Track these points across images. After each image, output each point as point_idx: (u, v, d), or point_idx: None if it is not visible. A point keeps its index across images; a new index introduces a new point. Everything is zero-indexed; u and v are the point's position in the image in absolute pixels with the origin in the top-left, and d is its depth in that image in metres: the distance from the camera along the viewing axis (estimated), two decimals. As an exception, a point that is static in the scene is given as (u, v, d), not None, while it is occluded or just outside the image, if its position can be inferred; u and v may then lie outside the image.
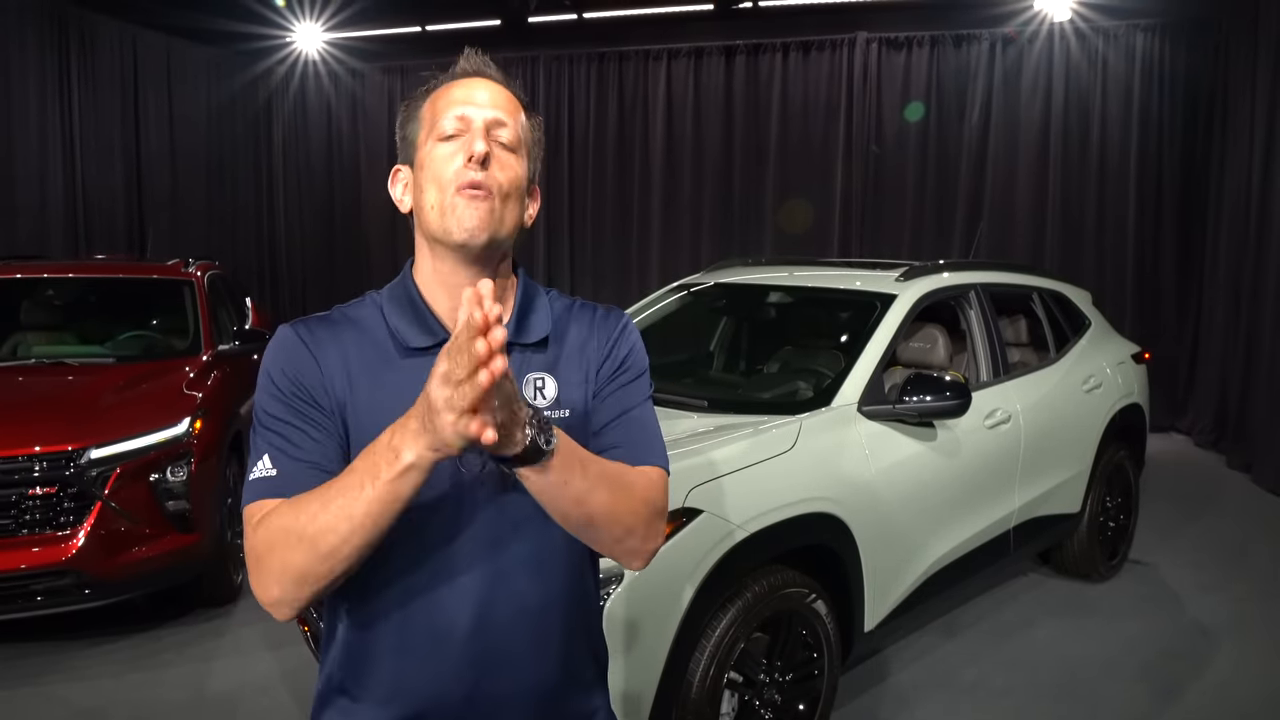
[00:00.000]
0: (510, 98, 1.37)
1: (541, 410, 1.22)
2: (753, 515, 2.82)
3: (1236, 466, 7.24)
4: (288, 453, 1.25)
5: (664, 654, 2.63)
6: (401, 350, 1.32)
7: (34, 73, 8.13)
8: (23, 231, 7.94)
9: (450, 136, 1.31)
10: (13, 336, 5.12)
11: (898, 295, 3.84)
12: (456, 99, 1.34)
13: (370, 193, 10.67)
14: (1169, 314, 8.63)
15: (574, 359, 1.38)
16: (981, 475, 3.90)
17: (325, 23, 9.92)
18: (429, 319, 1.34)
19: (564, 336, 1.40)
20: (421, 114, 1.37)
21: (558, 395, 1.35)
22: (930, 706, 3.61)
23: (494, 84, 1.37)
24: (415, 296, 1.36)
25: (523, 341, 1.36)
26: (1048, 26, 8.61)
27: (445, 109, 1.33)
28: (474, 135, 1.30)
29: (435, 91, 1.38)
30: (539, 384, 1.35)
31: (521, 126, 1.37)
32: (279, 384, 1.30)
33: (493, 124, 1.32)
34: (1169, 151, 8.50)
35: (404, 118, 1.40)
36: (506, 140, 1.33)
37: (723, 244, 9.52)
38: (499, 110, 1.34)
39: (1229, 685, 3.79)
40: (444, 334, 1.32)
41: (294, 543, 1.15)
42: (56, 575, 3.81)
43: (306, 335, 1.33)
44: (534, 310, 1.39)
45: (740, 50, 9.53)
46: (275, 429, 1.27)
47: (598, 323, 1.44)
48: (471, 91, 1.34)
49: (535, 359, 1.36)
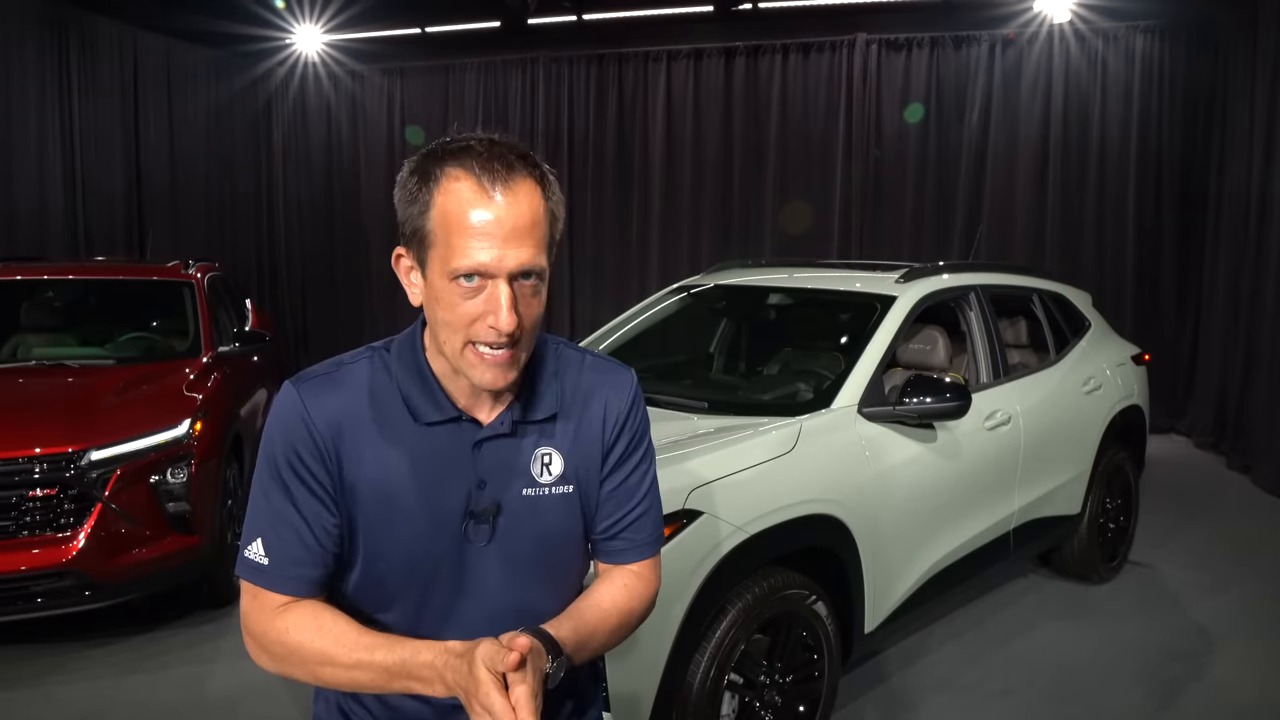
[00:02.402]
0: (534, 204, 1.21)
1: (549, 659, 1.20)
2: (753, 517, 2.82)
3: (1236, 468, 7.24)
4: (281, 537, 1.28)
5: (664, 656, 2.63)
6: (411, 422, 1.31)
7: (34, 74, 8.14)
8: (23, 233, 7.94)
9: (467, 275, 1.19)
10: (13, 338, 5.13)
11: (897, 297, 3.84)
12: (475, 229, 1.18)
13: (370, 193, 10.67)
14: (1169, 315, 8.63)
15: (582, 434, 1.38)
16: (981, 477, 3.90)
17: (325, 24, 9.92)
18: (439, 396, 1.32)
19: (572, 408, 1.38)
20: (430, 220, 1.21)
21: (563, 471, 1.35)
22: (930, 708, 3.61)
23: (516, 194, 1.19)
24: (426, 372, 1.32)
25: (531, 419, 1.35)
26: (1047, 28, 8.61)
27: (461, 241, 1.18)
28: (498, 302, 1.19)
29: (445, 182, 1.20)
30: (545, 459, 1.35)
31: (545, 241, 1.23)
32: (278, 452, 1.29)
33: (518, 273, 1.20)
34: (1169, 152, 8.50)
35: (405, 195, 1.24)
36: (533, 280, 1.23)
37: (722, 245, 9.52)
38: (523, 248, 1.19)
39: (1229, 685, 3.79)
40: (453, 411, 1.31)
41: (298, 660, 1.26)
42: (57, 577, 3.82)
43: (310, 400, 1.29)
44: (542, 382, 1.36)
45: (740, 52, 9.53)
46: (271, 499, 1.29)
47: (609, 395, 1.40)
48: (491, 220, 1.18)
49: (543, 434, 1.36)
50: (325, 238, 11.14)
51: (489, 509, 1.30)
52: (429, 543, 1.29)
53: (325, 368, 1.34)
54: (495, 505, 1.31)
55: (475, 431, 1.31)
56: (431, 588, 1.31)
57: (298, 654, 1.24)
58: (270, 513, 1.29)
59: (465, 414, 1.31)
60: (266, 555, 1.28)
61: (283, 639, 1.25)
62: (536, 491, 1.33)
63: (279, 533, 1.28)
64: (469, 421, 1.32)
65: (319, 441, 1.27)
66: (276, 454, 1.29)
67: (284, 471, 1.28)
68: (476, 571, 1.31)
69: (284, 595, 1.28)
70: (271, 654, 1.27)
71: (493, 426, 1.32)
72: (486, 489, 1.31)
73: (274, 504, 1.29)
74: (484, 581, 1.32)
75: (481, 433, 1.31)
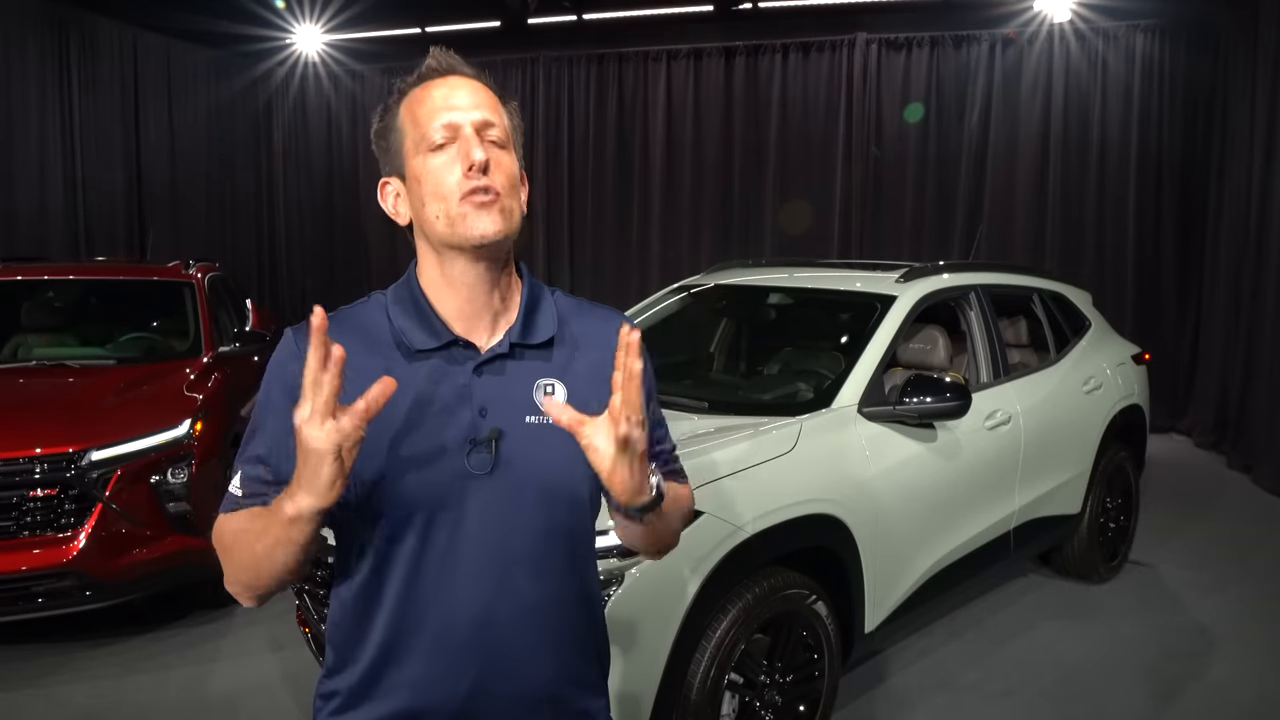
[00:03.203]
0: (488, 92, 1.35)
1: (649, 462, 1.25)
2: (753, 517, 2.82)
3: (1236, 467, 7.24)
4: (256, 471, 1.31)
5: (664, 655, 2.63)
6: (407, 353, 1.33)
7: (34, 74, 8.14)
8: (23, 233, 7.95)
9: (440, 146, 1.29)
10: (14, 338, 5.13)
11: (898, 296, 3.84)
12: (437, 104, 1.31)
13: (370, 193, 10.42)
14: (1169, 314, 8.63)
15: (584, 365, 1.39)
16: (982, 476, 3.90)
17: (325, 24, 9.93)
18: (434, 321, 1.34)
19: (572, 339, 1.40)
20: (400, 123, 1.34)
21: (567, 400, 1.34)
22: (931, 708, 3.62)
23: (470, 81, 1.34)
24: (420, 299, 1.36)
25: (528, 343, 1.36)
26: (1047, 27, 8.61)
27: (428, 117, 1.31)
28: (468, 143, 1.29)
29: (409, 96, 1.34)
30: (548, 389, 1.35)
31: (505, 119, 1.36)
32: (273, 389, 1.33)
33: (481, 125, 1.31)
34: (1169, 152, 8.51)
35: (380, 127, 1.37)
36: (497, 139, 1.32)
37: (723, 245, 9.53)
38: (483, 110, 1.32)
39: (1229, 685, 3.79)
40: (449, 335, 1.33)
41: (227, 556, 1.29)
42: (58, 577, 3.82)
43: (303, 340, 1.30)
44: (539, 311, 1.40)
45: (740, 51, 9.53)
46: (257, 438, 1.33)
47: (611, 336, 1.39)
48: (450, 93, 1.32)
49: (543, 364, 1.37)
50: (325, 237, 11.16)
51: (490, 436, 1.29)
52: (430, 475, 1.28)
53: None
54: (497, 431, 1.30)
55: (474, 357, 1.32)
56: (433, 523, 1.29)
57: (225, 552, 1.28)
58: (253, 450, 1.32)
59: (461, 339, 1.33)
60: (241, 488, 1.31)
61: (219, 545, 1.30)
62: (540, 420, 1.32)
63: (255, 468, 1.31)
64: (465, 347, 1.33)
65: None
66: (266, 395, 1.33)
67: (270, 410, 1.31)
68: (478, 504, 1.29)
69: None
70: (229, 574, 1.29)
71: (492, 349, 1.33)
72: (488, 416, 1.30)
73: (257, 442, 1.32)
74: (486, 514, 1.30)
75: (481, 356, 1.33)
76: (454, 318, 1.34)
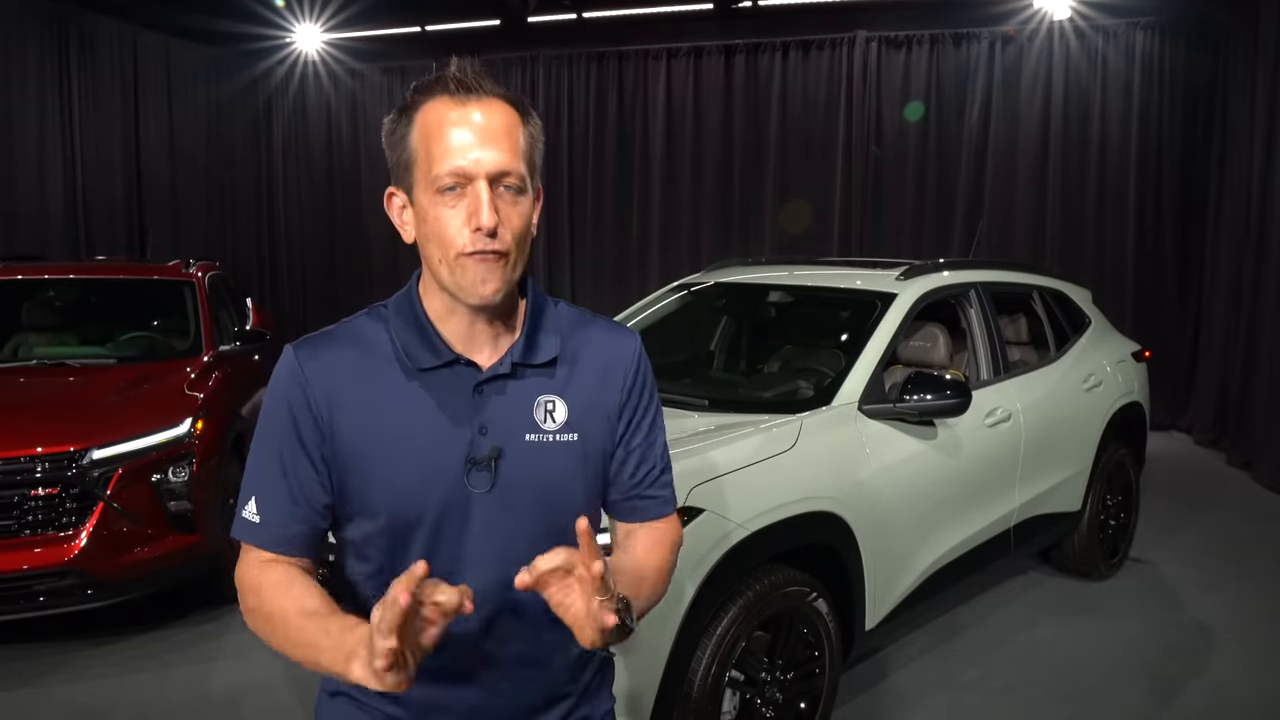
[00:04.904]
0: (508, 117, 1.26)
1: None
2: (754, 514, 2.82)
3: (1236, 464, 7.24)
4: (273, 496, 1.31)
5: (665, 653, 2.64)
6: (408, 370, 1.31)
7: (34, 73, 8.14)
8: (23, 233, 7.95)
9: (450, 187, 1.23)
10: (14, 338, 5.13)
11: (898, 294, 3.84)
12: (451, 145, 1.22)
13: (370, 192, 10.67)
14: (1169, 312, 8.63)
15: (586, 384, 1.37)
16: (982, 474, 3.91)
17: (325, 23, 9.93)
18: (435, 339, 1.32)
19: (574, 357, 1.38)
20: (412, 141, 1.26)
21: (568, 418, 1.34)
22: (931, 705, 3.62)
23: (491, 108, 1.25)
24: (422, 316, 1.33)
25: (531, 363, 1.35)
26: (1047, 25, 8.61)
27: (441, 157, 1.22)
28: (478, 201, 1.22)
29: (425, 109, 1.26)
30: (549, 407, 1.34)
31: (523, 151, 1.27)
32: (273, 412, 1.32)
33: (496, 176, 1.23)
34: (1169, 150, 8.51)
35: (391, 138, 1.30)
36: (513, 183, 1.25)
37: (723, 243, 9.53)
38: (500, 151, 1.23)
39: (1229, 685, 3.79)
40: (450, 354, 1.31)
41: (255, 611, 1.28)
42: (59, 576, 3.82)
43: (305, 358, 1.32)
44: (542, 329, 1.37)
45: (740, 50, 9.53)
46: (266, 460, 1.32)
47: (614, 349, 1.41)
48: (467, 134, 1.22)
49: (545, 381, 1.35)
50: (326, 237, 11.15)
51: (490, 455, 1.29)
52: (429, 494, 1.28)
53: (324, 329, 1.38)
54: (496, 450, 1.29)
55: (475, 375, 1.31)
56: (434, 540, 1.29)
57: (259, 620, 1.27)
58: (263, 472, 1.32)
59: (463, 357, 1.31)
60: (258, 514, 1.31)
61: (257, 594, 1.28)
62: (540, 438, 1.32)
63: (271, 492, 1.31)
64: (467, 365, 1.31)
65: (311, 400, 1.29)
66: (271, 415, 1.32)
67: (277, 431, 1.30)
68: (478, 522, 1.30)
69: (272, 553, 1.31)
70: (246, 607, 1.29)
71: (493, 368, 1.32)
72: (488, 435, 1.30)
73: (268, 464, 1.31)
74: (486, 532, 1.30)
75: (482, 375, 1.31)
76: (455, 338, 1.33)
